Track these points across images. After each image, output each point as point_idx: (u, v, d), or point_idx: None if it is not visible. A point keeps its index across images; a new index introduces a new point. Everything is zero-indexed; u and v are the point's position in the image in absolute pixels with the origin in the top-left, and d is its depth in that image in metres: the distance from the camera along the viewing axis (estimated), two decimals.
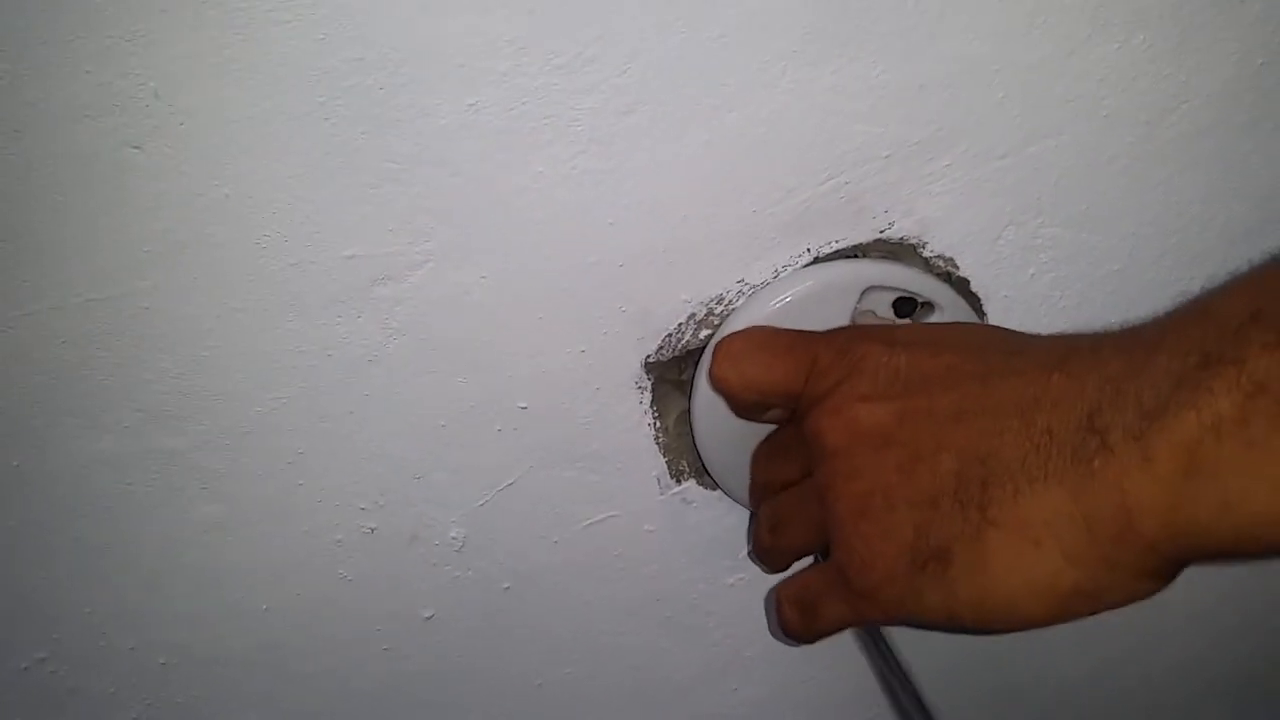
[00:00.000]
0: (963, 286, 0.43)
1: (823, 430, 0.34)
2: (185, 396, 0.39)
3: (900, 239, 0.41)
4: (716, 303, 0.41)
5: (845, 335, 0.37)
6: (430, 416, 0.41)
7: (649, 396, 0.43)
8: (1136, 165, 0.42)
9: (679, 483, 0.45)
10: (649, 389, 0.43)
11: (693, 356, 0.42)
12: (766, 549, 0.40)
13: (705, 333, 0.42)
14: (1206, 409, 0.24)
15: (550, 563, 0.46)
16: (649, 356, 0.42)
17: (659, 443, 0.44)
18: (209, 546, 0.42)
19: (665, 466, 0.45)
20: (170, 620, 0.43)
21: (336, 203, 0.36)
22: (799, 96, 0.37)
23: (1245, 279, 0.26)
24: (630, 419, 0.43)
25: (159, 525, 0.41)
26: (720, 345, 0.38)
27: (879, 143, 0.39)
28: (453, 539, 0.44)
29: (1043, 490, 0.28)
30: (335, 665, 0.46)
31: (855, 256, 0.42)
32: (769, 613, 0.49)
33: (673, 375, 0.43)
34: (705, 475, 0.45)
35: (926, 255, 0.42)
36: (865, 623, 0.34)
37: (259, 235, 0.36)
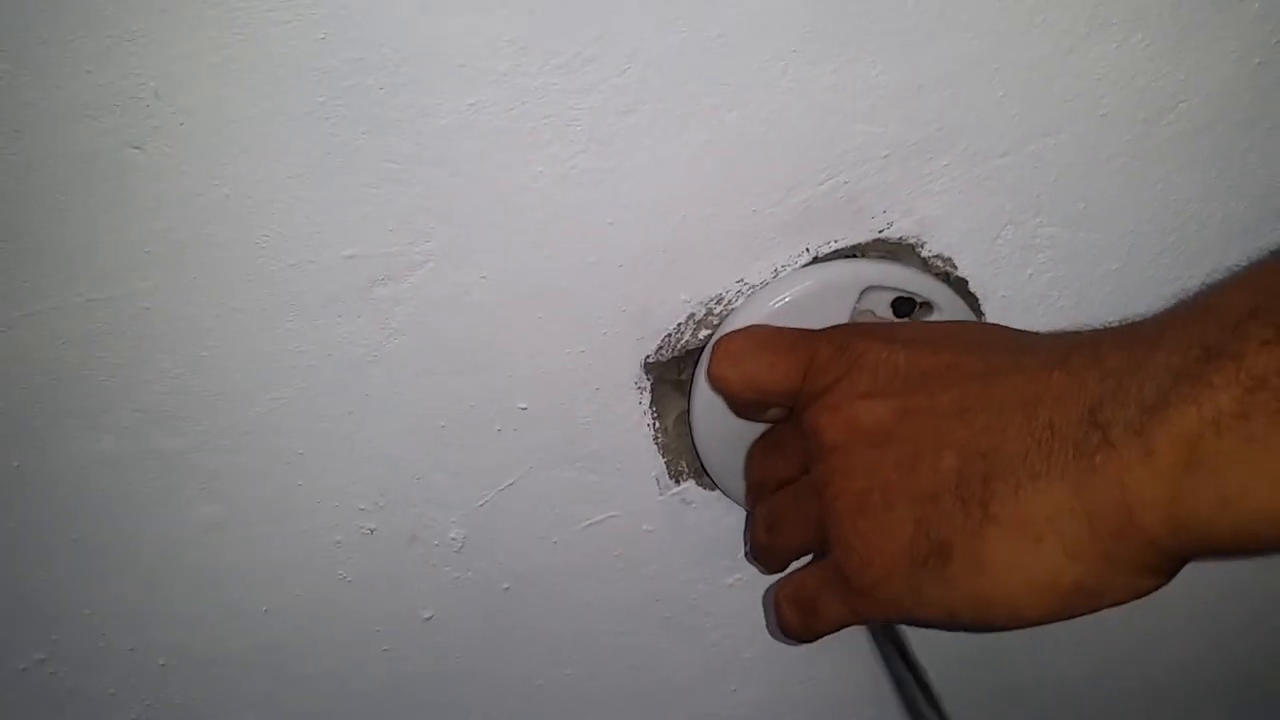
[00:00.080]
0: (961, 286, 0.43)
1: (821, 427, 0.34)
2: (185, 397, 0.39)
3: (899, 239, 0.42)
4: (716, 302, 0.41)
5: (844, 332, 0.37)
6: (430, 417, 0.41)
7: (648, 397, 0.43)
8: (1135, 164, 0.42)
9: (678, 483, 0.45)
10: (648, 389, 0.43)
11: (692, 356, 0.42)
12: (764, 548, 0.39)
13: (705, 333, 0.42)
14: (1206, 403, 0.24)
15: (550, 563, 0.46)
16: (648, 357, 0.42)
17: (658, 443, 0.44)
18: (208, 547, 0.42)
19: (664, 467, 0.45)
20: (169, 621, 0.43)
21: (336, 203, 0.36)
22: (798, 96, 0.37)
23: (1244, 276, 0.26)
24: (629, 419, 0.43)
25: (158, 525, 0.41)
26: (719, 344, 0.38)
27: (878, 142, 0.39)
28: (452, 539, 0.44)
29: (1045, 486, 0.28)
30: (335, 666, 0.46)
31: (854, 256, 0.42)
32: (768, 612, 0.49)
33: (672, 375, 0.43)
34: (704, 475, 0.45)
35: (925, 255, 0.42)
36: (864, 621, 0.34)
37: (259, 235, 0.36)
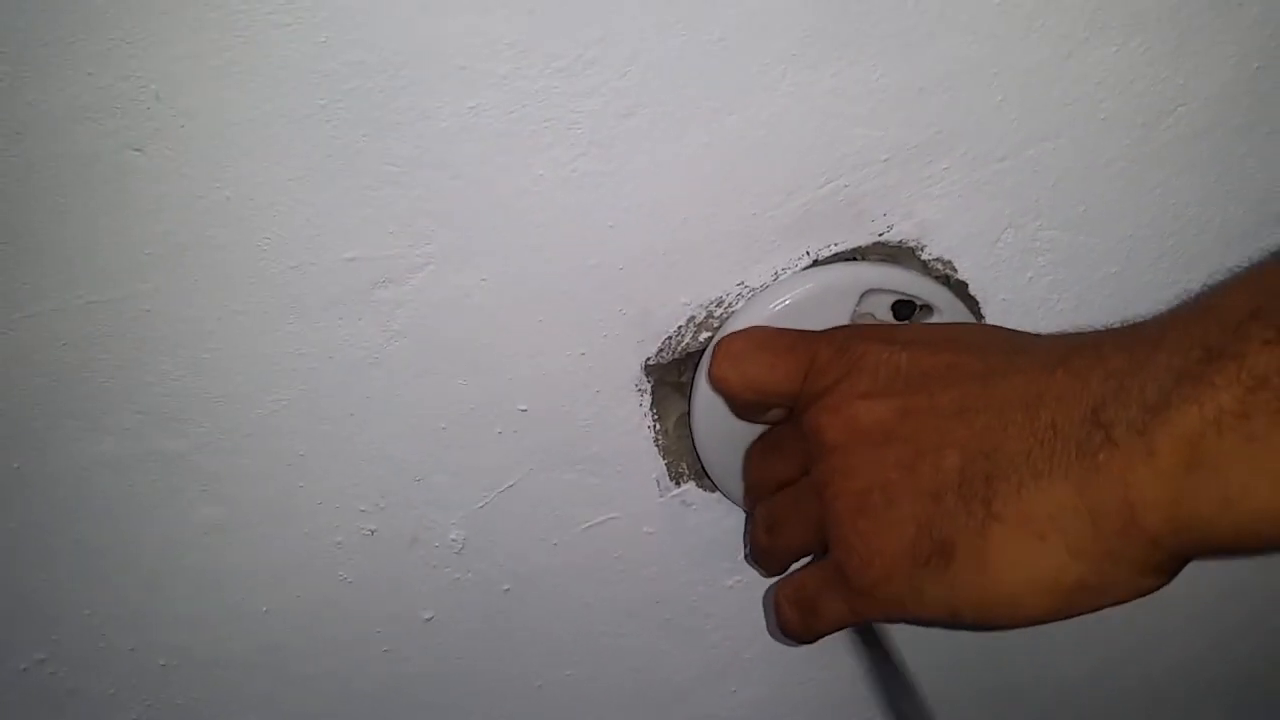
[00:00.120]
0: (961, 289, 0.43)
1: (821, 427, 0.34)
2: (186, 399, 0.39)
3: (899, 242, 0.42)
4: (716, 305, 0.41)
5: (845, 334, 0.37)
6: (430, 419, 0.41)
7: (649, 399, 0.43)
8: (1134, 168, 0.42)
9: (678, 485, 0.45)
10: (649, 391, 0.43)
11: (692, 359, 0.43)
12: (764, 550, 0.40)
13: (705, 335, 0.42)
14: (1208, 403, 0.24)
15: (550, 565, 0.46)
16: (649, 359, 0.42)
17: (658, 445, 0.44)
18: (209, 548, 0.42)
19: (665, 469, 0.45)
20: (170, 622, 0.43)
21: (337, 205, 0.36)
22: (799, 99, 0.37)
23: (1244, 277, 0.26)
24: (630, 421, 0.43)
25: (159, 527, 0.41)
26: (720, 345, 0.38)
27: (878, 146, 0.39)
28: (453, 541, 0.44)
29: (1047, 484, 0.28)
30: (335, 667, 0.46)
31: (854, 259, 0.42)
32: (768, 613, 0.49)
33: (672, 378, 0.43)
34: (704, 477, 0.45)
35: (925, 258, 0.42)
36: (865, 621, 0.34)
37: (260, 238, 0.36)
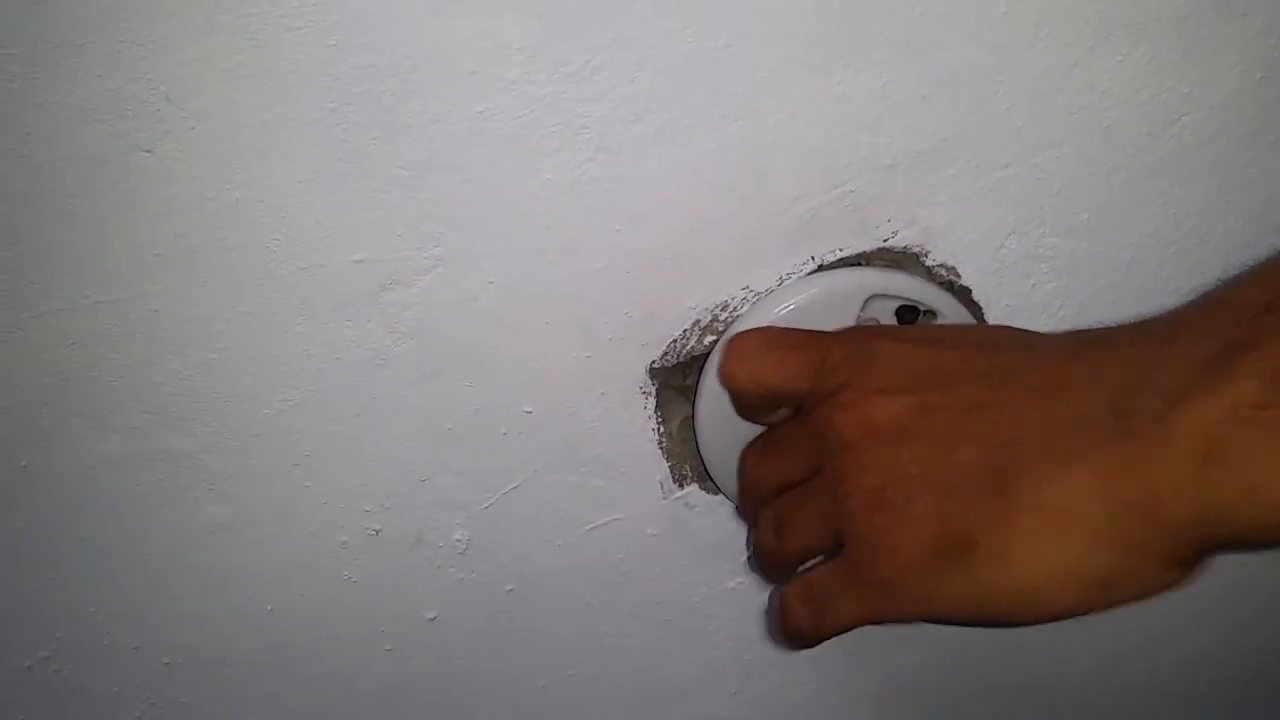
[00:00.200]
0: (965, 295, 0.43)
1: (836, 424, 0.33)
2: (193, 398, 0.39)
3: (903, 248, 0.42)
4: (721, 309, 0.42)
5: (857, 333, 0.36)
6: (437, 420, 0.42)
7: (653, 402, 0.43)
8: (1137, 176, 0.42)
9: (682, 487, 0.46)
10: (653, 394, 0.43)
11: (697, 362, 0.43)
12: (771, 553, 0.40)
13: (710, 339, 0.42)
14: (1227, 394, 0.24)
15: (553, 566, 0.46)
16: (654, 362, 0.42)
17: (662, 447, 0.45)
18: (215, 547, 0.42)
19: (668, 471, 0.45)
20: (175, 620, 0.43)
21: (346, 208, 0.36)
22: (805, 105, 0.38)
23: (1259, 271, 0.26)
24: (634, 424, 0.44)
25: (165, 526, 0.41)
26: (730, 343, 0.38)
27: (884, 152, 0.39)
28: (457, 541, 0.44)
29: (1068, 475, 0.27)
30: (339, 666, 0.46)
31: (859, 265, 0.42)
32: (770, 617, 0.49)
33: (677, 381, 0.43)
34: (708, 480, 0.46)
35: (929, 264, 0.42)
36: (879, 621, 0.34)
37: (269, 239, 0.37)
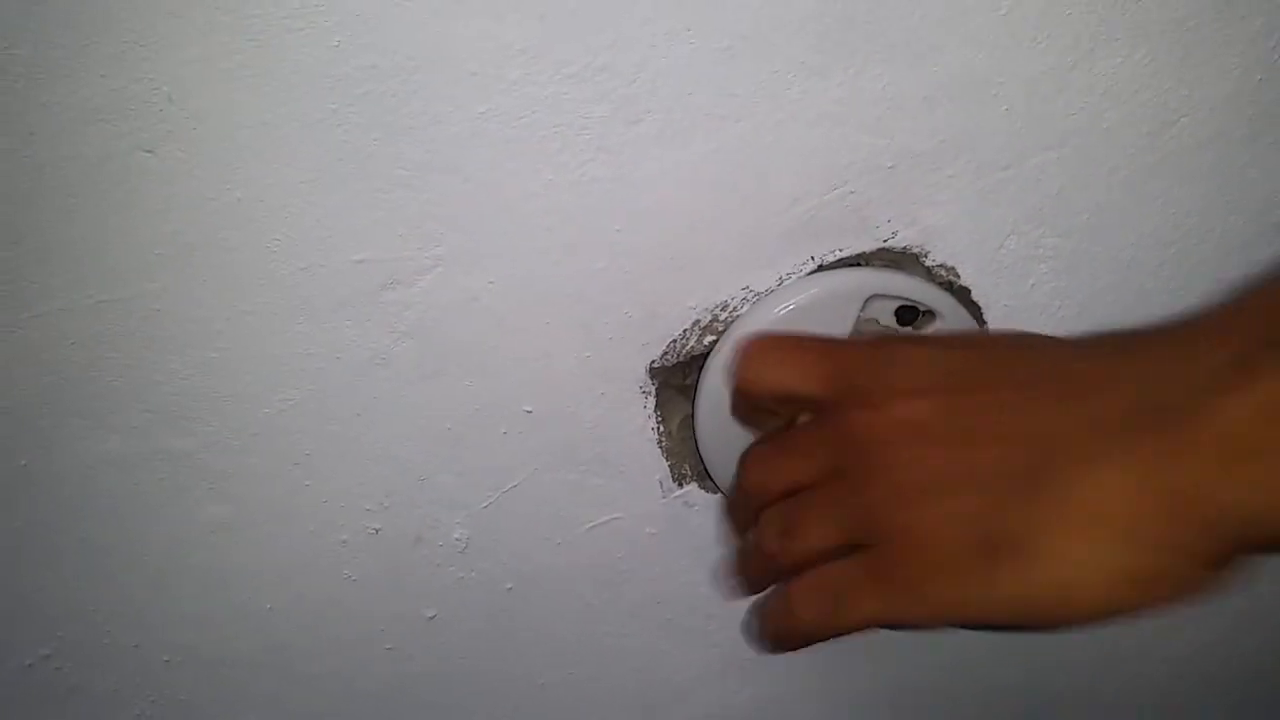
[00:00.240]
0: (964, 295, 0.43)
1: (861, 425, 0.33)
2: (194, 398, 0.39)
3: (903, 248, 0.42)
4: (721, 309, 0.42)
5: (877, 337, 0.36)
6: (437, 419, 0.42)
7: (653, 401, 0.43)
8: (1136, 177, 0.42)
9: (681, 486, 0.46)
10: (653, 394, 0.43)
11: (697, 362, 0.43)
12: (771, 555, 0.39)
13: (710, 339, 0.42)
14: (1256, 391, 0.24)
15: (553, 564, 0.46)
16: (654, 362, 0.42)
17: (662, 447, 0.45)
18: (215, 547, 0.42)
19: (668, 470, 0.45)
20: (175, 619, 0.43)
21: (347, 208, 0.36)
22: (805, 107, 0.38)
23: None
24: (634, 423, 0.44)
25: (165, 525, 0.41)
26: (746, 346, 0.37)
27: (884, 153, 0.39)
28: (457, 540, 0.44)
29: (1097, 473, 0.27)
30: (339, 666, 0.46)
31: (859, 265, 0.42)
32: (760, 616, 0.49)
33: (677, 380, 0.43)
34: (707, 479, 0.46)
35: (929, 264, 0.43)
36: (894, 624, 0.33)
37: (270, 239, 0.37)
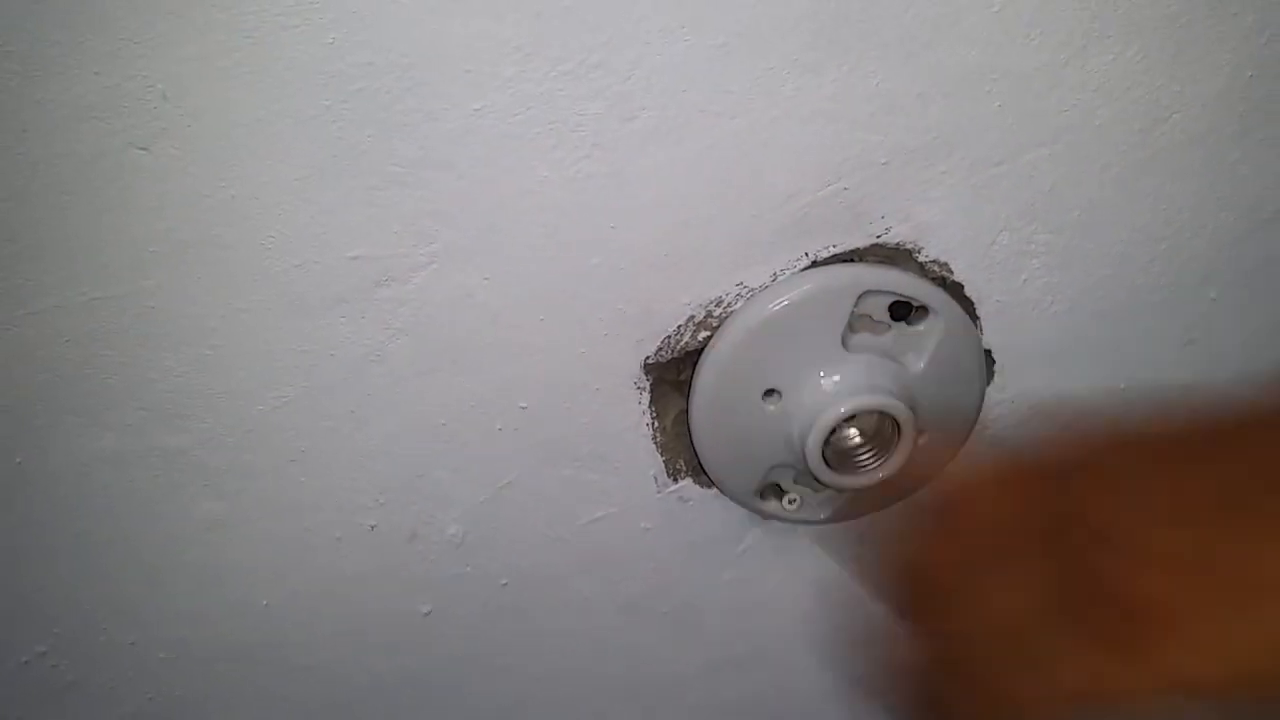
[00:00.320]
0: (957, 291, 0.44)
1: (1120, 573, 0.31)
2: (188, 395, 0.39)
3: (896, 244, 0.42)
4: (715, 305, 0.42)
5: (1092, 453, 0.34)
6: (431, 416, 0.42)
7: (647, 397, 0.44)
8: (1128, 173, 0.43)
9: (676, 481, 0.46)
10: (648, 389, 0.43)
11: (691, 358, 0.43)
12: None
13: (704, 334, 0.42)
14: None
15: (548, 560, 0.46)
16: (648, 358, 0.43)
17: (656, 442, 0.45)
18: (210, 543, 0.42)
19: (663, 465, 0.45)
20: (171, 616, 0.43)
21: (342, 204, 0.36)
22: (799, 104, 0.38)
23: None
24: (629, 419, 0.44)
25: (161, 522, 0.41)
26: (952, 484, 0.35)
27: (877, 150, 0.40)
28: (452, 536, 0.45)
29: None
30: (335, 661, 0.46)
31: (852, 261, 0.42)
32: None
33: (671, 376, 0.43)
34: (701, 474, 0.46)
35: (922, 260, 0.43)
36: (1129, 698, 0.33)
37: (264, 236, 0.37)
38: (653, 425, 0.44)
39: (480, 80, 0.35)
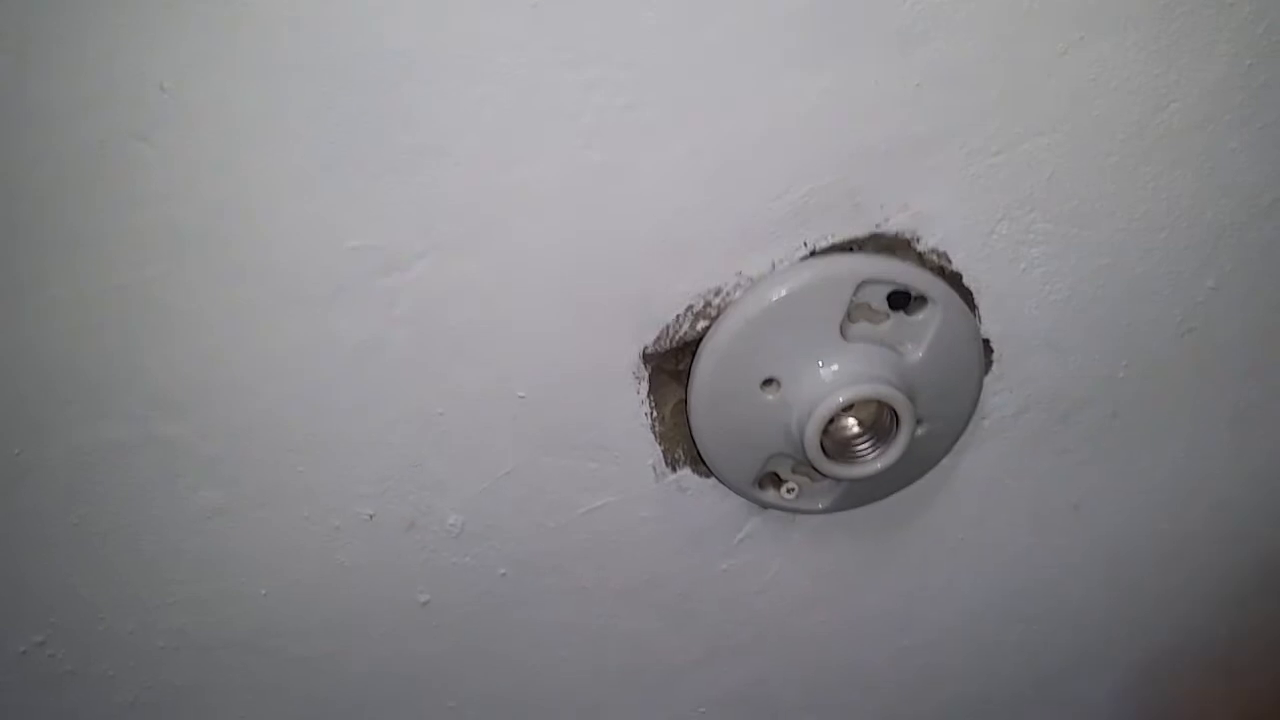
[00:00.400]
0: (956, 280, 0.44)
1: None
2: (188, 385, 0.39)
3: (895, 233, 0.42)
4: (714, 294, 0.42)
5: None
6: (430, 405, 0.42)
7: (646, 386, 0.44)
8: (1127, 162, 0.43)
9: (674, 471, 0.46)
10: (646, 379, 0.43)
11: (690, 347, 0.43)
12: None
13: (703, 324, 0.42)
14: None
15: (547, 548, 0.46)
16: (647, 347, 0.43)
17: (655, 431, 0.45)
18: (209, 533, 0.42)
19: (661, 455, 0.45)
20: (170, 605, 0.43)
21: (341, 194, 0.36)
22: (799, 94, 0.38)
23: None
24: (627, 408, 0.44)
25: (160, 511, 0.41)
26: None
27: (876, 140, 0.39)
28: (451, 525, 0.45)
29: None
30: (332, 649, 0.46)
31: (851, 250, 0.42)
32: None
33: (670, 365, 0.44)
34: (700, 463, 0.46)
35: (920, 249, 0.43)
36: None
37: (264, 226, 0.36)
38: (651, 414, 0.44)
39: (479, 69, 0.35)
